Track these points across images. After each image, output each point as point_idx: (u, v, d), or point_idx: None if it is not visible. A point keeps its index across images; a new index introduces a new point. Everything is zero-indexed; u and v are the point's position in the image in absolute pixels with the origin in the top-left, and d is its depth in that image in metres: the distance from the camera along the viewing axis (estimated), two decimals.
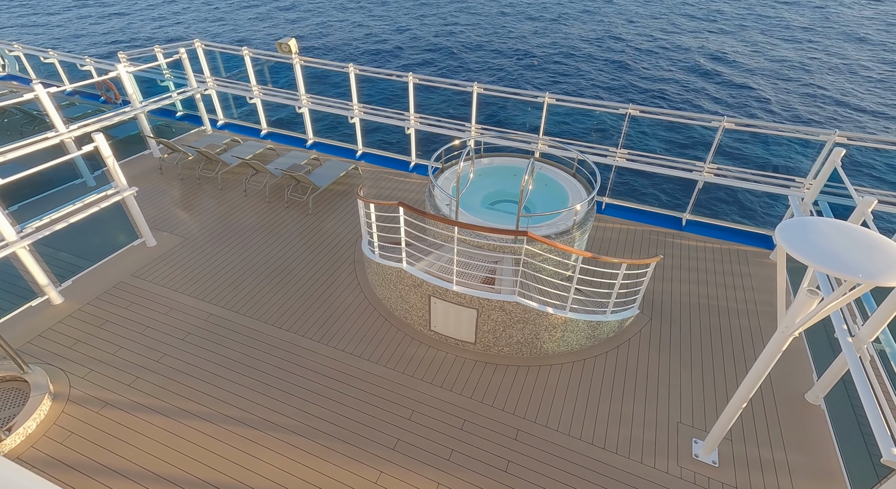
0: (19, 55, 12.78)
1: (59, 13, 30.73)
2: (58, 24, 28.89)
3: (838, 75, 22.49)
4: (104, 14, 30.78)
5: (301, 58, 9.64)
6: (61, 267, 6.59)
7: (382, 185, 8.95)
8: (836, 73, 22.81)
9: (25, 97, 7.50)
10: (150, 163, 9.52)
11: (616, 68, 23.45)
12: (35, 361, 5.26)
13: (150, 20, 29.93)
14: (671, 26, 31.05)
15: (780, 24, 30.34)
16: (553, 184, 7.19)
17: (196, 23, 30.00)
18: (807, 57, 24.79)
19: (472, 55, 25.50)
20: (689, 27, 30.54)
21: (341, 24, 30.76)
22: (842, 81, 21.80)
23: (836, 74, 22.60)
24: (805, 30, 29.56)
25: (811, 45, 26.71)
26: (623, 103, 7.56)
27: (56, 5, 32.02)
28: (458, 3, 35.99)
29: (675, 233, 7.63)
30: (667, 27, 30.84)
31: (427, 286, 5.44)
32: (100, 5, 32.75)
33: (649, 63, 24.13)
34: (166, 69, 10.58)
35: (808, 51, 25.84)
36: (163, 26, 28.98)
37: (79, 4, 32.27)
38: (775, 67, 23.41)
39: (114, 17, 30.46)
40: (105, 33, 27.61)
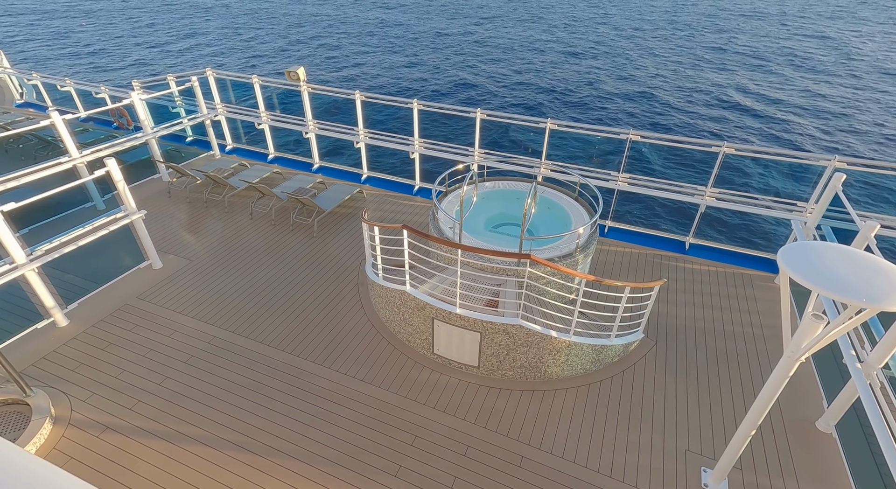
0: (37, 83, 13.23)
1: (81, 44, 31.92)
2: (78, 54, 29.98)
3: (839, 100, 22.82)
4: (125, 44, 31.94)
5: (309, 85, 9.92)
6: (68, 289, 6.64)
7: (387, 208, 9.05)
8: (838, 98, 23.16)
9: (42, 124, 7.73)
10: (160, 186, 9.70)
11: (619, 95, 23.92)
12: (38, 384, 5.25)
13: (167, 51, 31.03)
14: (670, 54, 31.81)
15: (785, 53, 30.98)
16: (556, 207, 7.25)
17: (210, 54, 31.05)
18: (809, 83, 25.22)
19: (479, 82, 26.12)
20: (691, 55, 31.27)
21: (350, 52, 31.73)
22: (842, 105, 22.11)
23: (837, 99, 22.94)
24: (807, 58, 30.19)
25: (812, 73, 27.22)
26: (624, 128, 7.70)
27: (79, 37, 33.30)
28: (466, 36, 37.11)
29: (679, 256, 7.63)
30: (667, 55, 31.59)
31: (430, 309, 5.44)
32: (121, 37, 34.06)
33: (652, 90, 24.62)
34: (178, 96, 10.89)
35: (809, 77, 26.32)
36: (179, 56, 30.02)
37: (102, 37, 33.56)
38: (778, 94, 23.81)
39: (134, 47, 31.59)
40: (122, 62, 28.59)
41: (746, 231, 12.59)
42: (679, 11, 46.23)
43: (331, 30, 37.03)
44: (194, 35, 34.81)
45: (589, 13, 45.65)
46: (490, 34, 36.66)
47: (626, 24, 40.10)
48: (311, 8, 47.68)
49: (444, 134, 16.53)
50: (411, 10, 45.98)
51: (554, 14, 44.92)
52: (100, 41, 32.42)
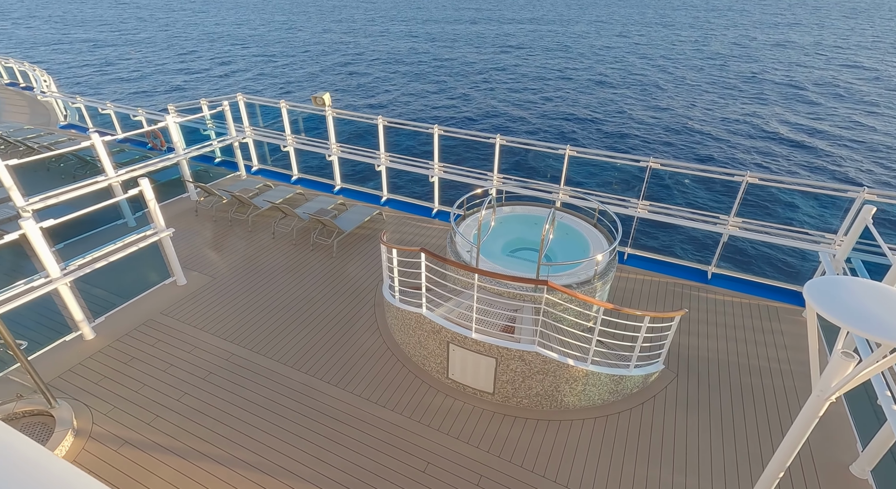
0: (80, 107, 14.02)
1: (127, 70, 33.88)
2: (123, 79, 31.78)
3: (871, 131, 22.39)
4: (167, 71, 33.74)
5: (334, 110, 10.26)
6: (96, 303, 6.87)
7: (405, 230, 9.16)
8: (870, 129, 22.73)
9: (82, 144, 8.17)
10: (188, 205, 10.05)
11: (644, 123, 23.97)
12: (62, 396, 5.39)
13: (205, 77, 32.63)
14: (697, 82, 31.84)
15: (815, 83, 30.67)
16: (574, 233, 7.23)
17: (245, 80, 32.53)
18: (840, 114, 24.85)
19: (504, 109, 26.57)
20: (717, 84, 31.27)
21: (376, 79, 32.77)
22: (873, 136, 21.67)
23: (868, 130, 22.52)
24: (837, 87, 29.85)
25: (843, 102, 26.86)
26: (644, 156, 7.70)
27: (126, 64, 35.37)
28: (488, 63, 37.99)
29: (701, 286, 7.47)
30: (693, 84, 31.65)
31: (446, 332, 5.43)
32: (164, 64, 36.06)
33: (678, 118, 24.62)
34: (209, 120, 11.39)
35: (839, 107, 25.95)
36: (215, 82, 31.54)
37: (146, 64, 35.58)
38: (808, 123, 23.50)
39: (174, 74, 33.32)
40: (162, 87, 30.14)
41: (772, 262, 12.26)
42: (708, 41, 46.44)
43: (360, 58, 38.39)
44: (231, 62, 36.53)
45: (617, 42, 46.25)
46: (516, 62, 37.44)
47: (654, 53, 40.47)
48: (341, 37, 49.69)
49: (463, 159, 16.78)
50: (438, 40, 47.42)
51: (581, 44, 45.74)
52: (144, 68, 34.33)
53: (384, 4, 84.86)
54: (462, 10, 73.18)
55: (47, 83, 15.65)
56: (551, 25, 57.50)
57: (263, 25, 56.02)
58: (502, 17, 65.31)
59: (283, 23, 58.40)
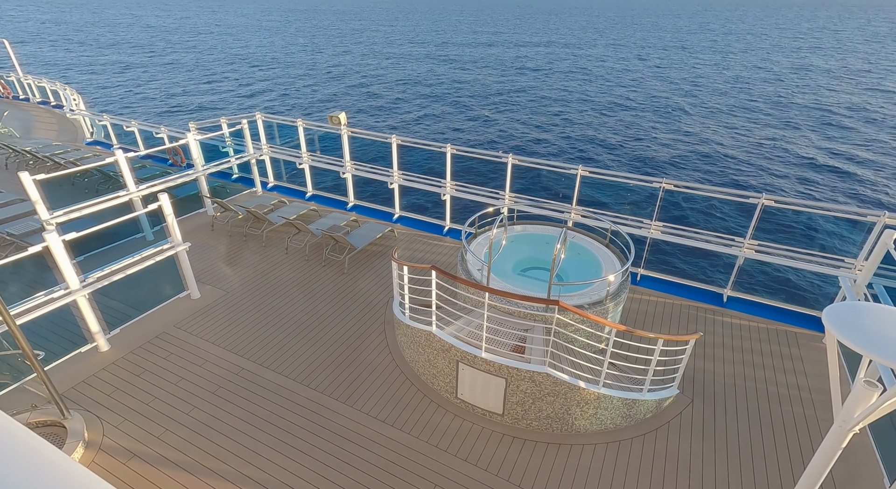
0: (106, 124, 14.55)
1: (156, 90, 35.21)
2: (151, 98, 33.02)
3: (889, 154, 22.08)
4: (194, 92, 34.96)
5: (349, 129, 10.48)
6: (112, 315, 6.98)
7: (416, 247, 9.20)
8: (887, 151, 22.42)
9: (107, 160, 8.44)
10: (204, 220, 10.26)
11: (655, 143, 23.99)
12: (75, 407, 5.44)
13: (229, 97, 33.72)
14: (708, 101, 31.88)
15: (838, 107, 30.45)
16: (586, 253, 7.19)
17: (268, 99, 33.52)
18: (862, 138, 24.58)
19: (514, 127, 26.85)
20: (736, 106, 31.26)
21: (392, 100, 33.47)
22: (893, 159, 21.36)
23: (886, 153, 22.21)
24: (859, 111, 29.61)
25: (867, 125, 26.59)
26: (657, 177, 7.68)
27: (156, 84, 36.80)
28: (504, 85, 38.59)
29: (716, 309, 7.32)
30: (713, 106, 31.70)
31: (455, 351, 5.39)
32: (191, 84, 37.42)
33: (689, 138, 24.59)
34: (228, 137, 11.70)
35: (863, 132, 25.69)
36: (238, 101, 32.57)
37: (174, 85, 37.00)
38: (824, 144, 23.28)
39: (201, 94, 34.51)
40: (188, 106, 31.18)
41: (790, 286, 11.98)
42: (727, 64, 46.55)
43: (377, 80, 39.31)
44: (254, 83, 37.71)
45: (635, 65, 46.59)
46: (532, 84, 37.95)
47: (672, 76, 40.68)
48: (360, 59, 51.07)
49: (475, 177, 16.91)
50: (455, 62, 48.46)
51: (599, 66, 46.28)
52: (171, 88, 35.65)
53: (403, 28, 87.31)
54: (479, 34, 74.80)
55: (76, 101, 16.30)
56: (568, 48, 58.38)
57: (286, 48, 57.95)
58: (520, 41, 66.58)
59: (304, 45, 60.31)
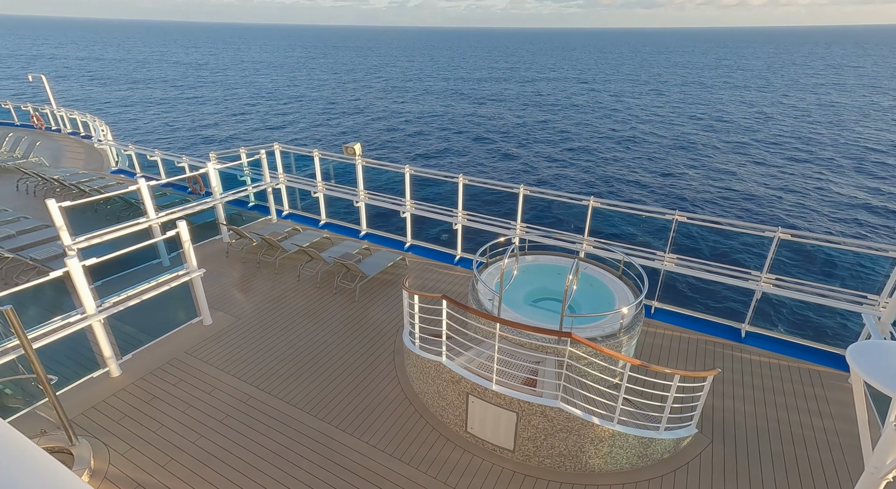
0: (131, 154, 15.12)
1: (183, 122, 36.72)
2: (178, 129, 34.39)
3: None
4: (221, 124, 36.38)
5: (363, 159, 10.72)
6: (125, 340, 7.04)
7: (427, 276, 9.21)
8: None
9: (130, 188, 8.72)
10: (219, 247, 10.44)
11: (669, 176, 24.07)
12: (83, 433, 5.42)
13: (252, 128, 34.97)
14: (728, 136, 32.03)
15: (864, 145, 30.37)
16: (598, 285, 7.12)
17: (291, 132, 34.67)
18: (880, 171, 24.39)
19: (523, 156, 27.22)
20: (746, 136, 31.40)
21: (410, 134, 34.34)
22: None
23: None
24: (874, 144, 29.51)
25: (883, 159, 26.43)
26: (670, 209, 7.67)
27: (184, 118, 38.42)
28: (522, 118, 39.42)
29: (734, 344, 7.12)
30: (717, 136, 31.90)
31: (465, 383, 5.30)
32: (217, 115, 38.99)
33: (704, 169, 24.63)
34: (247, 166, 12.05)
35: (883, 164, 25.50)
36: (260, 132, 33.75)
37: (201, 117, 38.60)
38: (845, 179, 23.11)
39: (226, 126, 35.88)
40: (215, 137, 32.38)
41: (811, 322, 11.64)
42: (744, 99, 47.01)
43: (395, 114, 40.48)
44: (276, 116, 39.10)
45: (654, 101, 47.22)
46: (548, 118, 38.67)
47: (691, 111, 41.11)
48: (378, 94, 52.77)
49: (486, 207, 17.04)
50: (471, 97, 49.90)
51: (613, 101, 47.12)
52: (197, 120, 37.19)
53: (420, 64, 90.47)
54: (495, 69, 77.00)
55: (104, 132, 17.02)
56: (585, 84, 59.61)
57: (307, 82, 60.32)
58: (534, 76, 68.39)
59: (324, 80, 62.69)
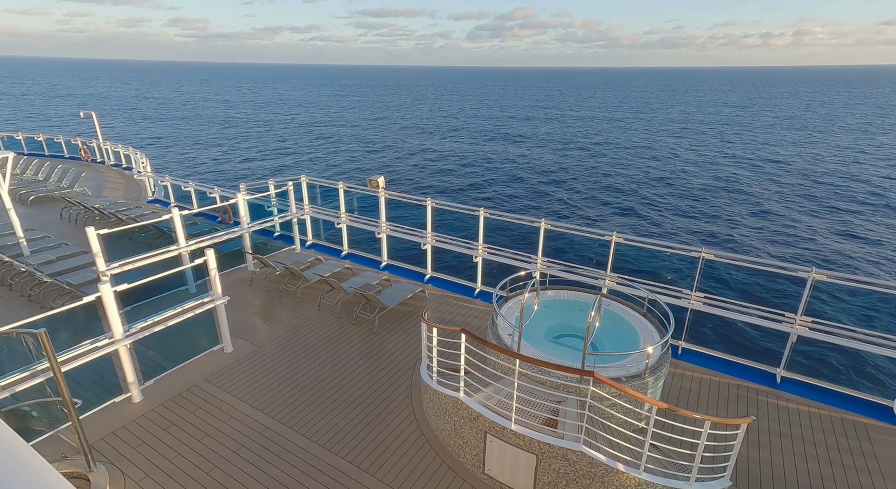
0: (167, 184, 15.88)
1: (220, 155, 38.65)
2: (216, 160, 36.15)
3: None
4: (257, 158, 38.11)
5: (386, 191, 10.96)
6: (148, 365, 7.15)
7: (446, 309, 9.15)
8: None
9: (163, 217, 9.10)
10: (244, 275, 10.67)
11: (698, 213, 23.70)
12: (101, 459, 5.44)
13: (283, 162, 36.48)
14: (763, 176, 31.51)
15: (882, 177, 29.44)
16: (622, 322, 6.93)
17: (311, 165, 35.90)
18: None
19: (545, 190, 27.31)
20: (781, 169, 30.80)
21: (436, 170, 35.12)
22: None
23: None
24: None
25: None
26: (696, 246, 7.50)
27: (221, 150, 40.47)
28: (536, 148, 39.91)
29: (769, 390, 6.74)
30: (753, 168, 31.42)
31: (483, 421, 5.14)
32: (254, 148, 40.88)
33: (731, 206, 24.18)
34: (274, 198, 12.47)
35: None
36: (289, 166, 35.12)
37: (236, 150, 40.56)
38: (884, 222, 22.28)
39: (262, 159, 37.57)
40: (249, 170, 33.86)
41: (856, 368, 10.93)
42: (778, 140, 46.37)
43: (420, 148, 41.59)
44: (305, 150, 40.66)
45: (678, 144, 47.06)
46: (582, 155, 38.93)
47: (737, 153, 40.70)
48: (404, 131, 54.51)
49: (507, 241, 17.04)
50: (497, 134, 50.85)
51: (643, 138, 47.14)
52: (234, 154, 39.03)
53: (447, 102, 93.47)
54: (520, 108, 78.64)
55: (144, 164, 17.99)
56: (610, 122, 60.05)
57: (339, 117, 62.84)
58: (559, 114, 69.47)
59: (357, 117, 65.12)
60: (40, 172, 18.34)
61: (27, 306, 8.91)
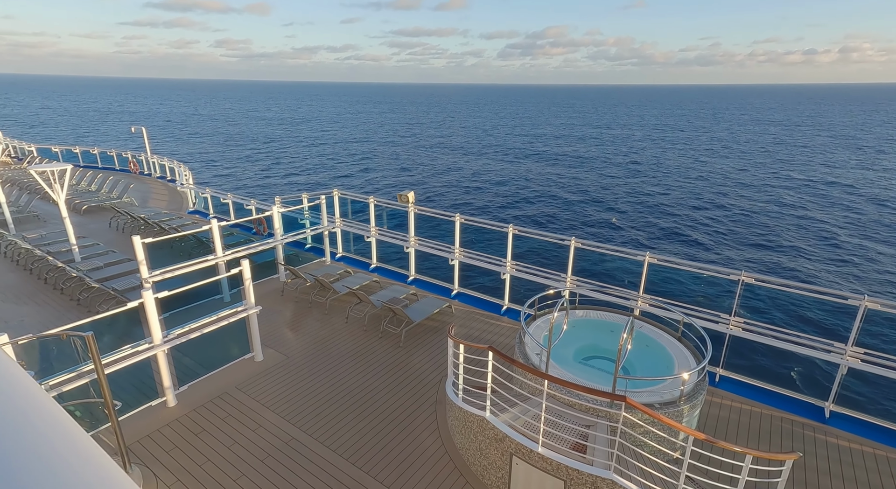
0: (207, 197, 16.60)
1: (260, 169, 40.22)
2: (255, 175, 37.62)
3: None
4: (294, 171, 39.49)
5: (416, 206, 11.09)
6: (182, 371, 7.38)
7: (473, 325, 9.08)
8: None
9: (203, 228, 9.49)
10: (276, 285, 10.94)
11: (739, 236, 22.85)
12: (136, 461, 5.61)
13: (318, 176, 37.56)
14: (812, 196, 30.13)
15: None
16: (655, 346, 6.69)
17: (344, 179, 36.79)
18: None
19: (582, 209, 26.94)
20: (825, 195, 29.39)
21: (457, 181, 35.34)
22: None
23: None
24: None
25: None
26: (735, 269, 7.21)
27: (262, 165, 42.12)
28: (573, 167, 39.58)
29: (816, 425, 6.31)
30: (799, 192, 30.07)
31: (510, 442, 5.02)
32: (293, 163, 42.37)
33: (779, 229, 23.15)
34: (307, 211, 12.81)
35: None
36: (323, 179, 36.12)
37: (277, 164, 42.15)
38: None
39: (299, 172, 38.92)
40: (283, 181, 35.02)
41: None
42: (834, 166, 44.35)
43: (453, 166, 41.89)
44: (340, 165, 41.68)
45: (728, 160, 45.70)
46: (620, 174, 38.34)
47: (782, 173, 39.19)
48: (437, 149, 55.25)
49: (536, 258, 16.84)
50: (527, 152, 50.71)
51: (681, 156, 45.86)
52: (271, 168, 40.53)
53: (480, 120, 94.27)
54: (553, 126, 78.18)
55: (187, 177, 18.90)
56: (647, 142, 58.70)
57: (373, 134, 64.17)
58: (597, 133, 68.60)
59: (398, 134, 66.37)
60: (93, 183, 19.54)
61: (76, 309, 9.40)
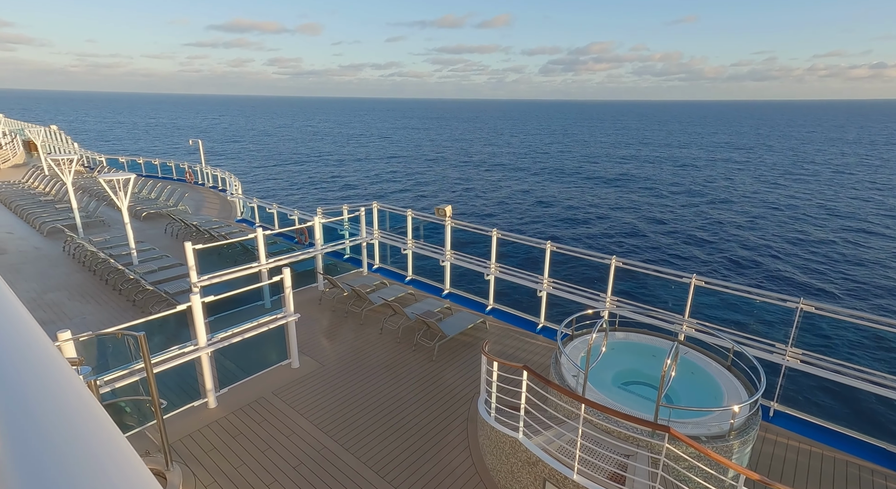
0: (254, 206, 17.37)
1: (304, 181, 41.92)
2: (302, 186, 39.21)
3: None
4: (334, 184, 40.92)
5: (453, 220, 11.11)
6: (224, 373, 7.64)
7: (507, 342, 8.91)
8: None
9: (249, 236, 9.89)
10: (314, 294, 11.20)
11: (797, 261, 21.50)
12: (177, 459, 5.82)
13: (362, 187, 38.67)
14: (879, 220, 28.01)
15: None
16: (702, 374, 6.31)
17: (386, 192, 37.61)
18: None
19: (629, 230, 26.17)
20: None
21: (498, 197, 35.29)
22: None
23: None
24: None
25: None
26: (793, 296, 6.73)
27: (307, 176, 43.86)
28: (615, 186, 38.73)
29: (890, 473, 5.71)
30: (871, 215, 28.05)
31: (543, 467, 4.84)
32: (335, 177, 43.89)
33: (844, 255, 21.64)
34: (347, 222, 13.12)
35: None
36: (366, 192, 37.10)
37: (321, 177, 43.78)
38: None
39: (339, 186, 40.26)
40: (325, 194, 36.25)
41: None
42: None
43: (489, 182, 41.99)
44: (382, 182, 42.68)
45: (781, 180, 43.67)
46: (674, 194, 37.24)
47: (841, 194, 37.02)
48: (480, 166, 55.63)
49: (574, 276, 16.42)
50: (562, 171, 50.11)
51: (733, 176, 44.09)
52: (317, 180, 42.07)
53: (528, 135, 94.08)
54: (605, 145, 76.59)
55: (236, 187, 19.87)
56: (715, 161, 56.64)
57: (417, 148, 65.30)
58: (632, 153, 66.96)
59: (440, 148, 67.41)
60: (153, 191, 20.89)
61: (131, 310, 9.98)
